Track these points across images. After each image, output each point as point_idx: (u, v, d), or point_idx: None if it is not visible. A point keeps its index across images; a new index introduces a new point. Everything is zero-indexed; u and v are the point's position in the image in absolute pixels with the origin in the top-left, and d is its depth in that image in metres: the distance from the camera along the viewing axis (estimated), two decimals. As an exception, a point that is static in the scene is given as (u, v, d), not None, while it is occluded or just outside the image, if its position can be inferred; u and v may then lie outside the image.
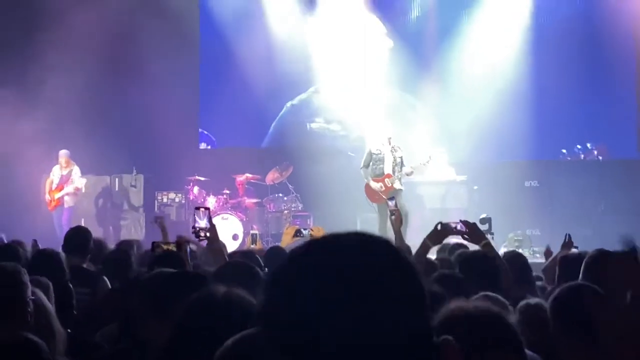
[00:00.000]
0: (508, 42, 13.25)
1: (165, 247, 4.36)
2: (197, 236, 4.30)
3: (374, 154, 10.89)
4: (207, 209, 4.44)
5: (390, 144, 10.86)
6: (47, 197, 12.60)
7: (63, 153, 12.61)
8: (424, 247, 4.46)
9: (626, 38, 12.77)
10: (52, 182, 12.61)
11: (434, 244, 4.68)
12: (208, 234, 4.27)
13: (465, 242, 5.17)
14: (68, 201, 12.56)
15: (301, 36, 14.11)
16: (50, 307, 3.02)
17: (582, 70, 12.92)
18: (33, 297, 2.86)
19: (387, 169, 10.79)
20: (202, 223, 4.28)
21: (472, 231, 4.59)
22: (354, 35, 14.05)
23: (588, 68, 12.91)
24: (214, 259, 4.27)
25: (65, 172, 12.58)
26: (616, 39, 12.67)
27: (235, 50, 14.25)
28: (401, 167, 10.80)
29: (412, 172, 10.91)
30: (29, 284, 2.87)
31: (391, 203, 5.72)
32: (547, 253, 6.60)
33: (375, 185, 10.76)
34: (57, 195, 12.50)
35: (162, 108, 13.38)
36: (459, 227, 4.61)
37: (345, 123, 13.99)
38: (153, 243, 4.56)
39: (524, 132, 12.95)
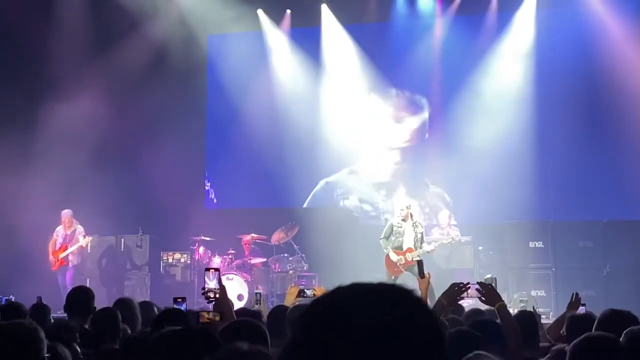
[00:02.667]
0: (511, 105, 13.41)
1: (207, 316, 4.32)
2: (207, 297, 4.27)
3: (395, 226, 11.11)
4: (216, 269, 4.40)
5: (412, 219, 11.09)
6: (51, 258, 12.62)
7: (66, 213, 12.68)
8: (439, 306, 4.46)
9: (630, 97, 12.87)
10: (55, 242, 12.64)
11: (449, 304, 4.68)
12: (217, 295, 4.26)
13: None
14: (72, 260, 12.58)
15: (307, 96, 14.32)
16: None
17: (586, 130, 13.01)
18: (49, 355, 2.89)
19: (408, 243, 11.02)
20: (212, 284, 4.26)
21: (488, 292, 4.60)
22: (359, 96, 14.24)
23: (592, 128, 13.00)
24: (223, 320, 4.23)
25: (69, 232, 12.63)
26: (620, 99, 12.78)
27: (240, 111, 14.45)
28: (421, 243, 11.03)
29: (433, 250, 11.21)
30: (45, 341, 2.90)
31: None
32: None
33: (396, 258, 10.94)
34: (61, 255, 12.52)
35: (168, 169, 13.49)
36: (474, 288, 4.62)
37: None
38: (198, 312, 4.53)
39: (528, 193, 12.98)
